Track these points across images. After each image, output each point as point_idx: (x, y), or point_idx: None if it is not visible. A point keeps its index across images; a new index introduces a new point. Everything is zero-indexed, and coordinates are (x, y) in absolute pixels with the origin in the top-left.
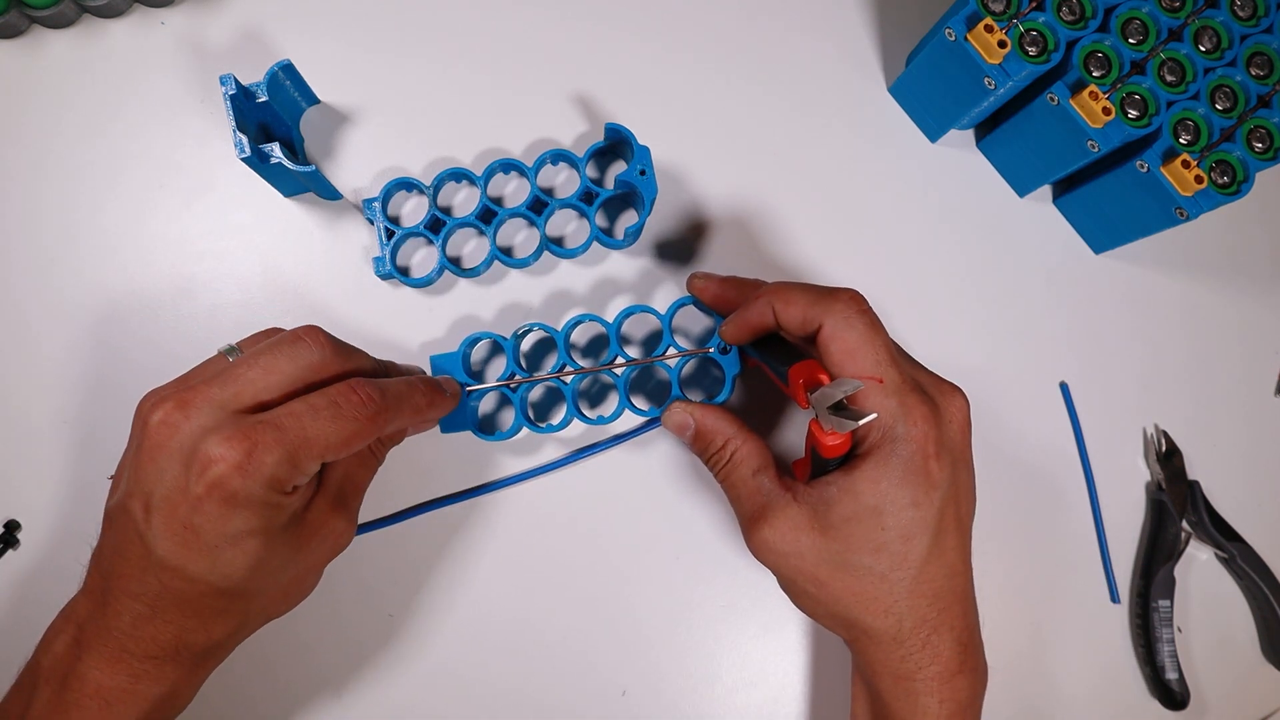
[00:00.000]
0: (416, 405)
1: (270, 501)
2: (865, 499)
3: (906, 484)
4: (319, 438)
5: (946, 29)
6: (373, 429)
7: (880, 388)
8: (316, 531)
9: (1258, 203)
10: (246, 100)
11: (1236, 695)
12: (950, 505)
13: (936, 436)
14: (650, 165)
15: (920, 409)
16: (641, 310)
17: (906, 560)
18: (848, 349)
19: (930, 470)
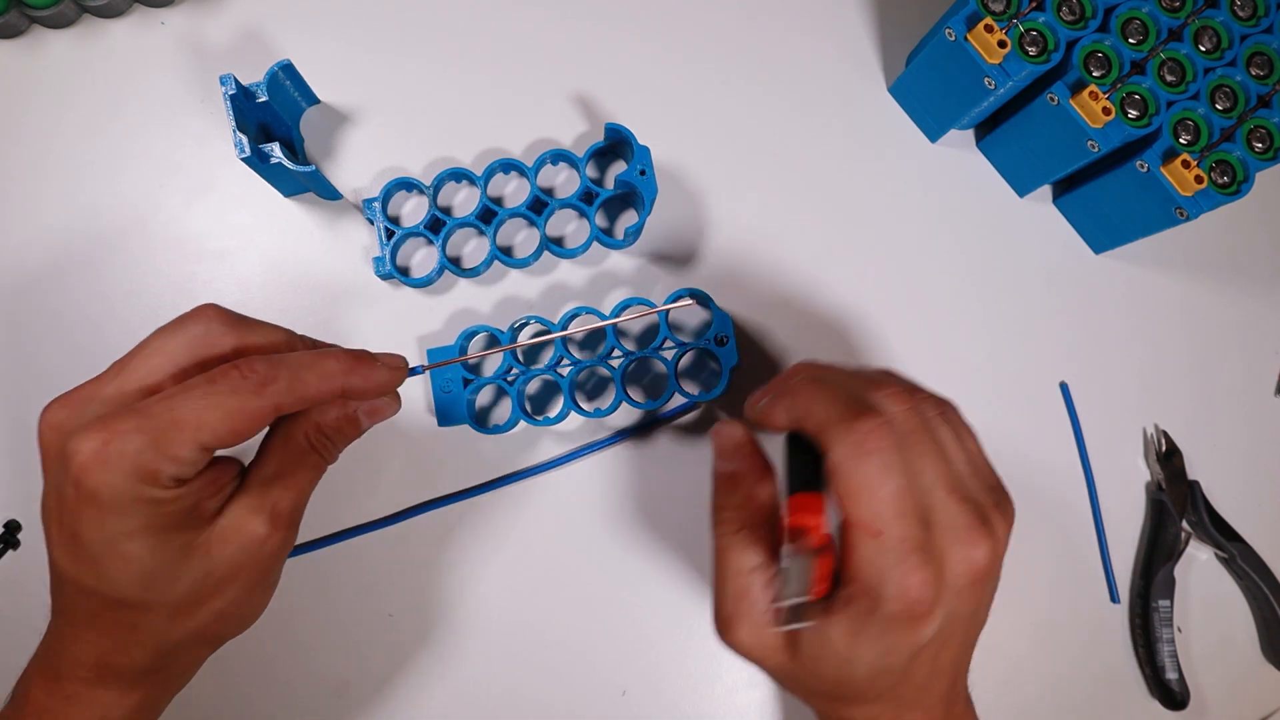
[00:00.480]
0: (326, 374)
1: (145, 497)
2: (836, 646)
3: (883, 640)
4: (190, 418)
5: (946, 29)
6: (258, 403)
7: (876, 543)
8: (226, 534)
9: (1258, 203)
10: (246, 100)
11: (1236, 695)
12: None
13: (932, 599)
14: (650, 165)
15: (918, 574)
16: (638, 303)
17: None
18: (850, 490)
19: (917, 630)
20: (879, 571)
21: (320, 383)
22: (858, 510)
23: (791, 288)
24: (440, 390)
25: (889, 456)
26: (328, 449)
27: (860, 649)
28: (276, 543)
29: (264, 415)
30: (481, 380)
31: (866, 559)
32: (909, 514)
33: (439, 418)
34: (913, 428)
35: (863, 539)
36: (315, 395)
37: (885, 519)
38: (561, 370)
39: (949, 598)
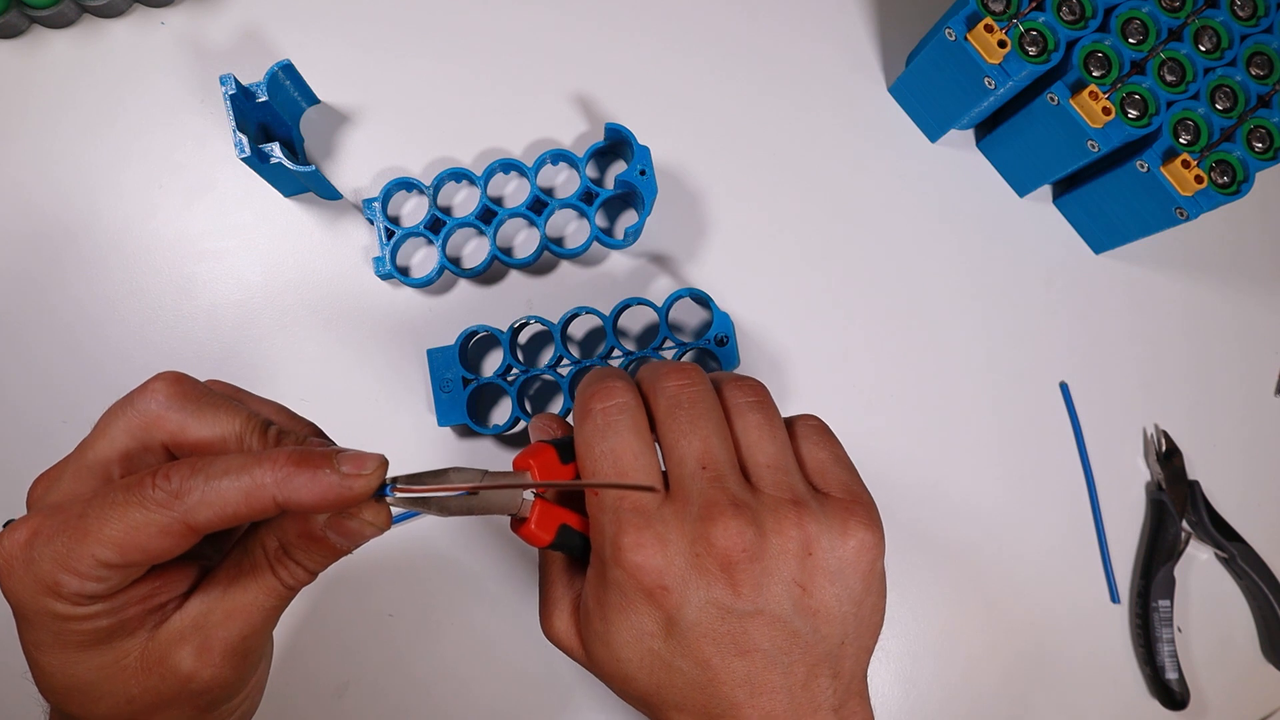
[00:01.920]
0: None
1: (49, 611)
2: (594, 623)
3: (627, 616)
4: (93, 531)
5: (946, 29)
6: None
7: (595, 502)
8: (150, 662)
9: (1258, 203)
10: (246, 100)
11: (1236, 695)
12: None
13: (658, 567)
14: (650, 165)
15: (632, 534)
16: (638, 303)
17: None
18: (578, 454)
19: (655, 603)
20: (599, 532)
21: (242, 494)
22: (580, 473)
23: (791, 288)
24: (440, 390)
25: (603, 419)
26: (289, 570)
27: (612, 622)
28: (210, 679)
29: (175, 532)
30: (481, 380)
31: (593, 520)
32: (627, 477)
33: (439, 417)
34: (674, 403)
35: (589, 502)
36: (237, 510)
37: (599, 479)
38: (561, 370)
39: (694, 578)
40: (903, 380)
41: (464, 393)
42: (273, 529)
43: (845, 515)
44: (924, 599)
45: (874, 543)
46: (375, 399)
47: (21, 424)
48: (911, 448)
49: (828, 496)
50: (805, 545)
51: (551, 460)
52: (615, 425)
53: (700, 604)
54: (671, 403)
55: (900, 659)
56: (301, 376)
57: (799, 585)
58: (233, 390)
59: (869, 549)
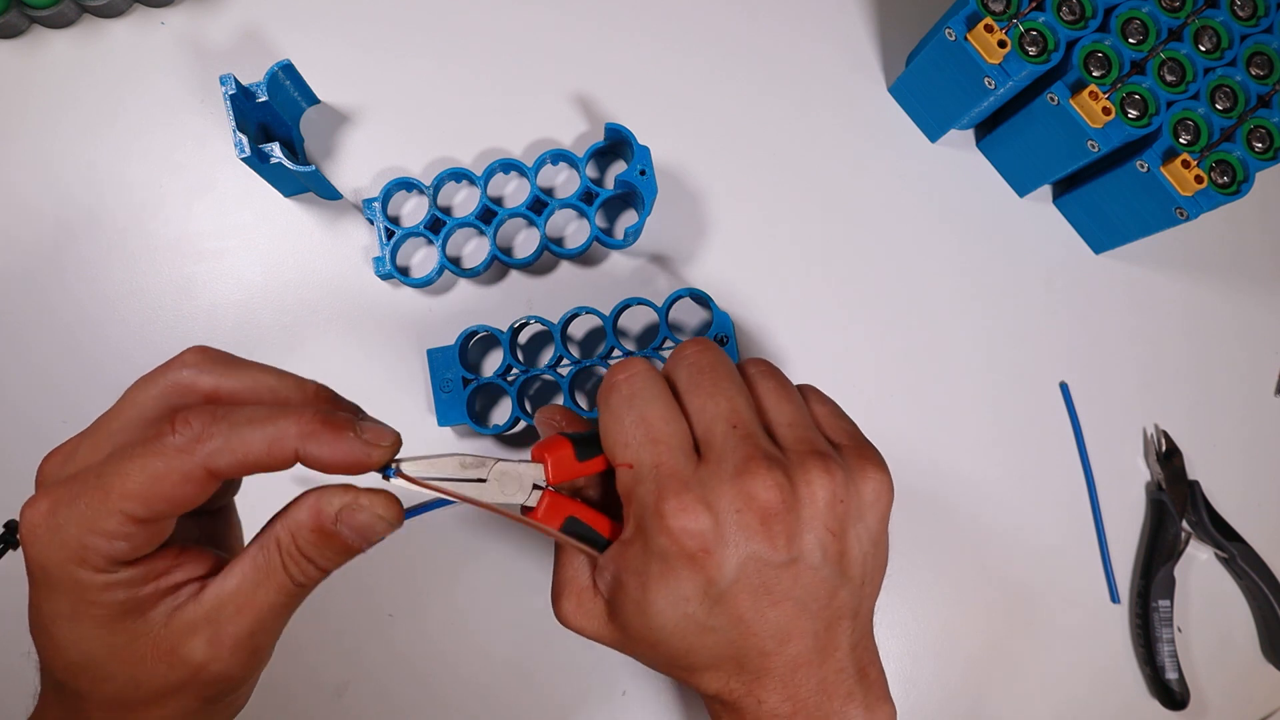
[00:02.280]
0: (275, 434)
1: (73, 579)
2: (632, 594)
3: (668, 583)
4: (115, 484)
5: (946, 29)
6: (187, 462)
7: (631, 474)
8: (161, 649)
9: (1258, 203)
10: (246, 100)
11: (1236, 695)
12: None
13: (703, 530)
14: (650, 165)
15: (675, 498)
16: (638, 303)
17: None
18: (603, 429)
19: (698, 567)
20: (639, 503)
21: (265, 443)
22: (609, 447)
23: (791, 287)
24: (440, 390)
25: (628, 388)
26: (300, 566)
27: (651, 593)
28: (218, 671)
29: (196, 478)
30: (481, 380)
31: (628, 493)
32: (660, 441)
33: (439, 417)
34: (696, 370)
35: (622, 474)
36: (259, 458)
37: (632, 449)
38: (561, 370)
39: (734, 535)
40: (903, 380)
41: (464, 393)
42: (285, 521)
43: (861, 461)
44: (924, 599)
45: (888, 484)
46: (375, 399)
47: (21, 424)
48: (911, 447)
49: (841, 446)
50: (833, 493)
51: (568, 456)
52: (641, 392)
53: (740, 560)
54: (693, 369)
55: (900, 659)
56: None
57: (829, 531)
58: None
59: (884, 490)
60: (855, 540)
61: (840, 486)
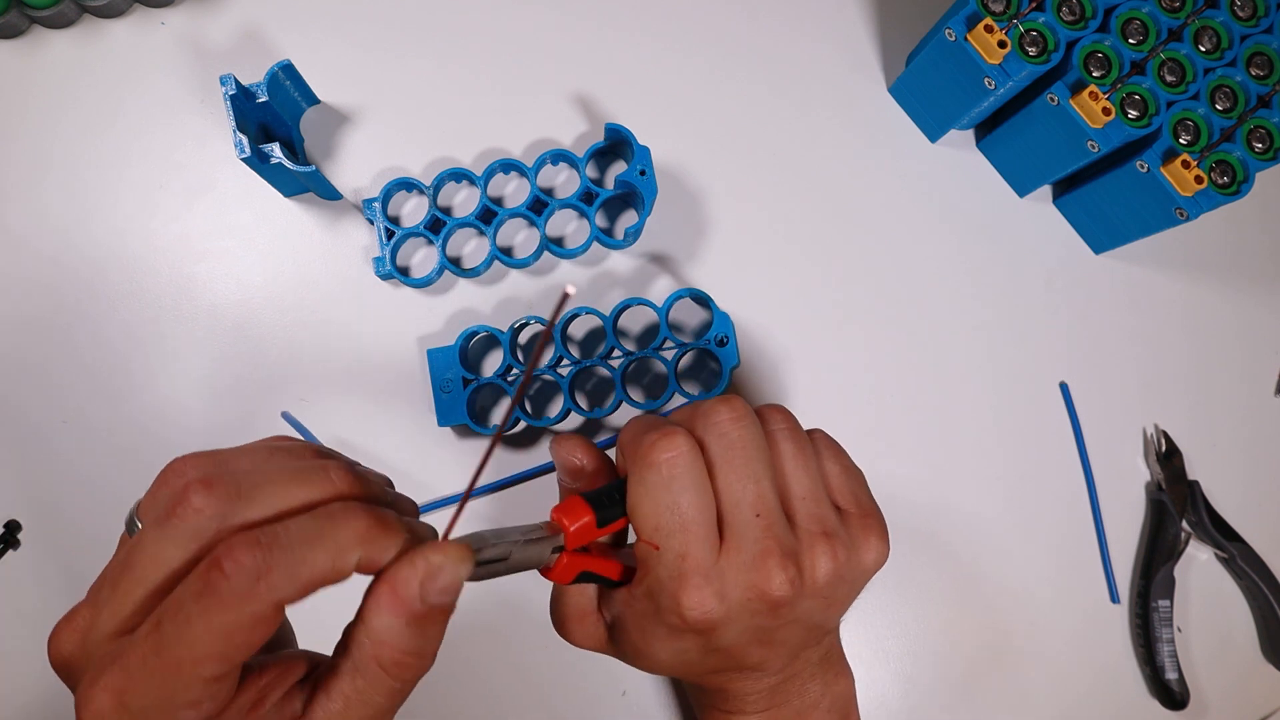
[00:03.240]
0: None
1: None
2: (634, 640)
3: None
4: (185, 654)
5: (946, 29)
6: (254, 609)
7: (655, 556)
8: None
9: (1258, 203)
10: (246, 100)
11: (1236, 695)
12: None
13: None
14: (650, 165)
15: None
16: (638, 303)
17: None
18: (631, 504)
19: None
20: (657, 582)
21: (328, 564)
22: (638, 523)
23: (791, 287)
24: (440, 390)
25: (668, 470)
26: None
27: (654, 646)
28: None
29: (268, 618)
30: (481, 380)
31: (648, 567)
32: (689, 530)
33: (439, 417)
34: (727, 445)
35: (644, 550)
36: (324, 578)
37: (661, 533)
38: (561, 370)
39: (740, 616)
40: (902, 380)
41: (464, 393)
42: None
43: (865, 532)
44: (924, 599)
45: (884, 553)
46: (375, 399)
47: (22, 424)
48: (911, 447)
49: (848, 514)
50: (835, 572)
51: (589, 526)
52: (681, 478)
53: (741, 629)
54: (724, 442)
55: (900, 659)
56: (301, 376)
57: (824, 598)
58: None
59: (881, 559)
60: (844, 597)
61: (843, 565)
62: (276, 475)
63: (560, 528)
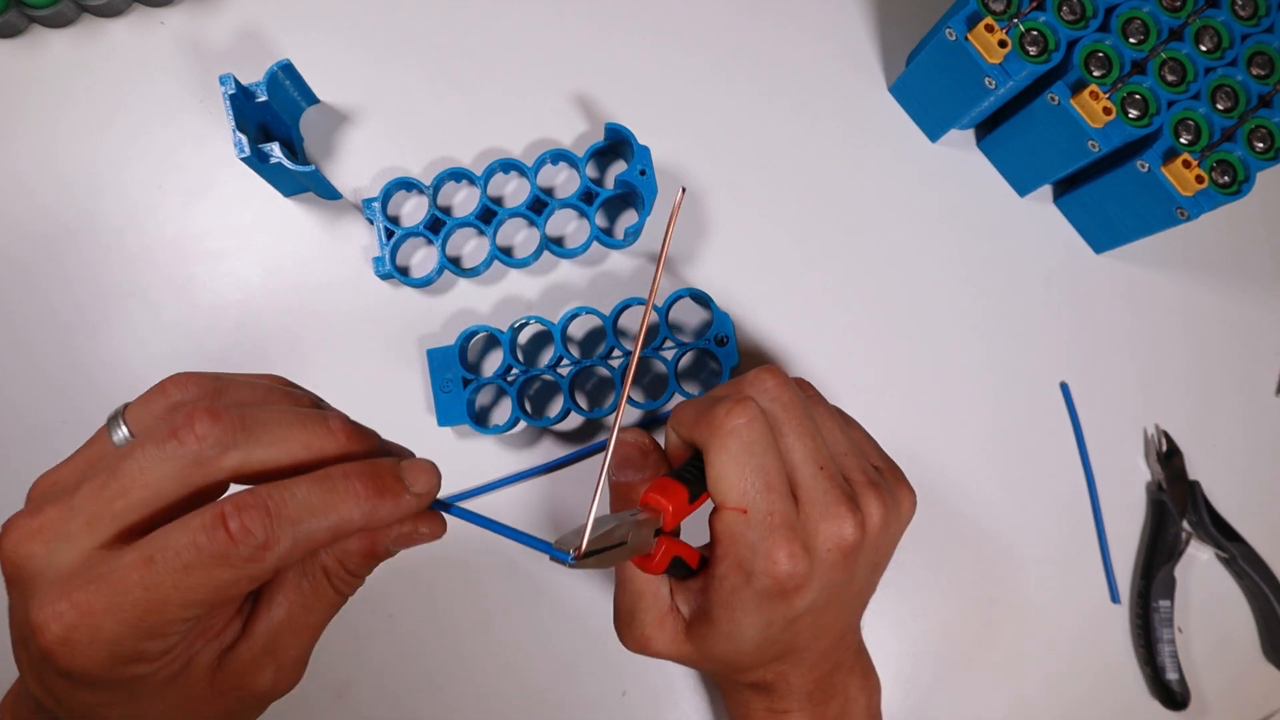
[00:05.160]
0: (341, 520)
1: (127, 675)
2: (719, 625)
3: (760, 612)
4: (174, 596)
5: (947, 29)
6: (256, 570)
7: (743, 519)
8: (224, 687)
9: (1258, 203)
10: (246, 100)
11: (1236, 695)
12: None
13: (804, 572)
14: (650, 165)
15: (785, 548)
16: (639, 303)
17: (760, 659)
18: (716, 473)
19: (790, 602)
20: (748, 547)
21: (331, 531)
22: (724, 491)
23: (791, 287)
24: (440, 390)
25: (748, 434)
26: (349, 584)
27: (742, 623)
28: (284, 688)
29: (263, 578)
30: (481, 380)
31: (735, 535)
32: (774, 489)
33: (439, 417)
34: (781, 407)
35: (732, 518)
36: (325, 543)
37: (749, 496)
38: (561, 370)
39: (821, 570)
40: (902, 380)
41: (464, 393)
42: (333, 552)
43: (898, 484)
44: (924, 599)
45: (915, 503)
46: (375, 399)
47: (21, 424)
48: (911, 448)
49: (880, 469)
50: (885, 520)
51: (684, 503)
52: (760, 440)
53: (819, 589)
54: (779, 405)
55: (900, 659)
56: (301, 376)
57: (876, 550)
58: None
59: (913, 509)
60: (886, 553)
61: (890, 513)
62: (280, 417)
63: (659, 508)
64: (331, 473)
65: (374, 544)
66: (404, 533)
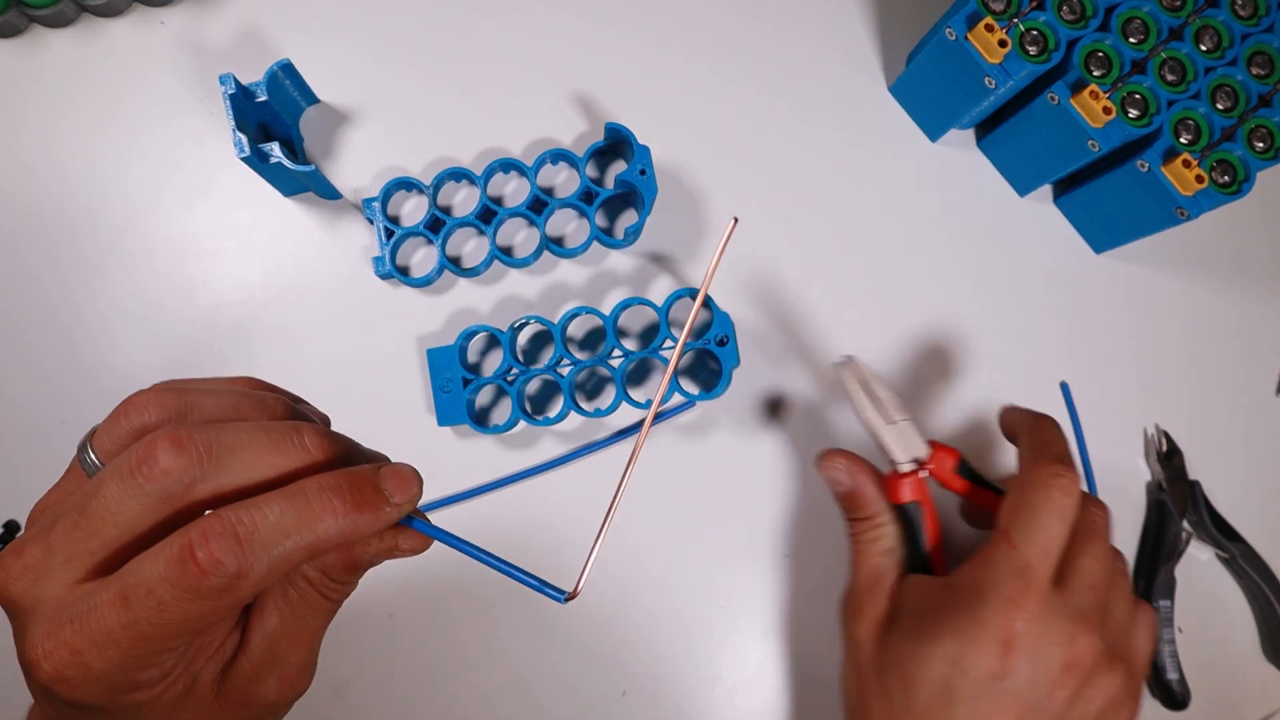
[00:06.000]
0: (319, 538)
1: (127, 703)
2: (926, 626)
3: (961, 642)
4: (156, 631)
5: (947, 28)
6: (234, 599)
7: (1007, 552)
8: (231, 702)
9: (1258, 202)
10: (246, 100)
11: (1236, 695)
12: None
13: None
14: (650, 165)
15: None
16: (638, 303)
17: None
18: (1018, 504)
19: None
20: (994, 574)
21: (306, 552)
22: (1010, 522)
23: (791, 287)
24: (440, 390)
25: (1062, 508)
26: (338, 591)
27: (938, 640)
28: (292, 696)
29: (243, 603)
30: (481, 380)
31: (990, 559)
32: (1047, 561)
33: (439, 417)
34: (1098, 532)
35: (1000, 543)
36: (305, 560)
37: (1030, 546)
38: (561, 370)
39: (1035, 653)
40: (902, 379)
41: (464, 393)
42: (315, 564)
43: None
44: None
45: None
46: (375, 399)
47: (21, 424)
48: None
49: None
50: (1110, 699)
51: (953, 462)
52: (1067, 519)
53: (1024, 680)
54: (1094, 524)
55: None
56: (301, 377)
57: (1084, 705)
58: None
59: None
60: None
61: (1116, 699)
62: (249, 439)
63: (935, 448)
64: (306, 487)
65: (354, 558)
66: (384, 548)
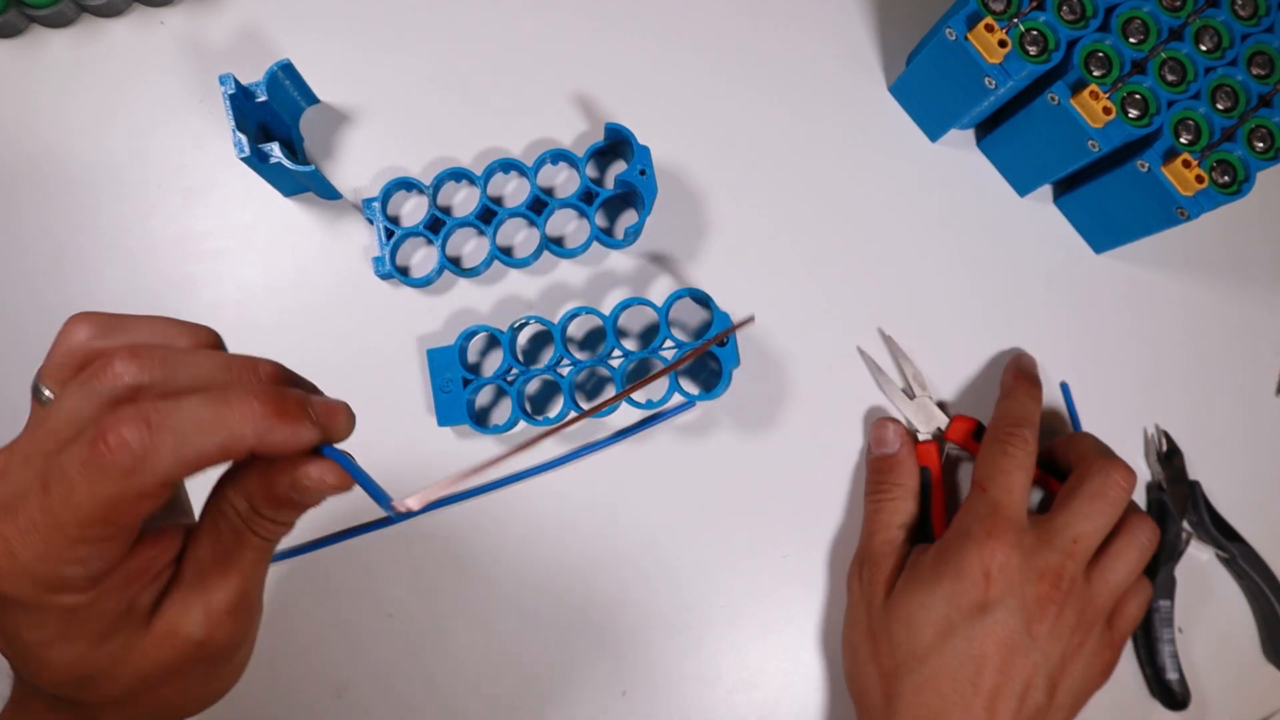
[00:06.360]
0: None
1: (56, 605)
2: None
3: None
4: (68, 516)
5: (947, 28)
6: (138, 483)
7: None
8: (160, 638)
9: (1258, 202)
10: (246, 100)
11: (1237, 695)
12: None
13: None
14: (650, 165)
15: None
16: (639, 303)
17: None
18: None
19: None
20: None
21: (219, 446)
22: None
23: (791, 287)
24: (440, 390)
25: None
26: (265, 527)
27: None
28: (222, 641)
29: (150, 493)
30: (481, 380)
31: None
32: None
33: (439, 417)
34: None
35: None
36: (214, 459)
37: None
38: (561, 370)
39: (1014, 587)
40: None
41: (464, 393)
42: (240, 492)
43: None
44: None
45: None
46: (375, 399)
47: (21, 424)
48: None
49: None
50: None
51: (970, 430)
52: (1021, 465)
53: (1007, 612)
54: (1103, 488)
55: None
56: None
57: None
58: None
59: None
60: (1067, 689)
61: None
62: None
63: (955, 418)
64: (230, 388)
65: (271, 484)
66: (298, 475)
